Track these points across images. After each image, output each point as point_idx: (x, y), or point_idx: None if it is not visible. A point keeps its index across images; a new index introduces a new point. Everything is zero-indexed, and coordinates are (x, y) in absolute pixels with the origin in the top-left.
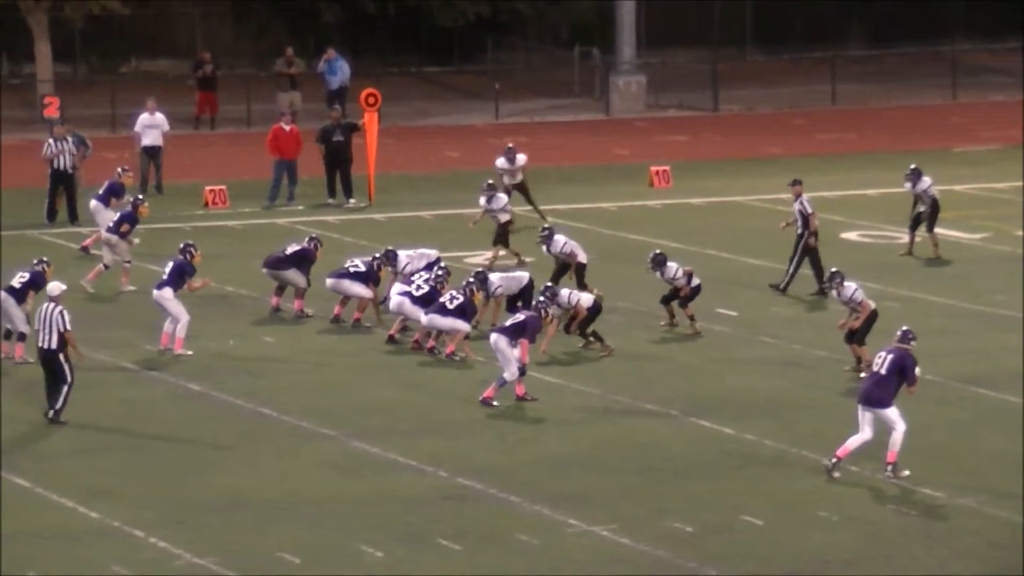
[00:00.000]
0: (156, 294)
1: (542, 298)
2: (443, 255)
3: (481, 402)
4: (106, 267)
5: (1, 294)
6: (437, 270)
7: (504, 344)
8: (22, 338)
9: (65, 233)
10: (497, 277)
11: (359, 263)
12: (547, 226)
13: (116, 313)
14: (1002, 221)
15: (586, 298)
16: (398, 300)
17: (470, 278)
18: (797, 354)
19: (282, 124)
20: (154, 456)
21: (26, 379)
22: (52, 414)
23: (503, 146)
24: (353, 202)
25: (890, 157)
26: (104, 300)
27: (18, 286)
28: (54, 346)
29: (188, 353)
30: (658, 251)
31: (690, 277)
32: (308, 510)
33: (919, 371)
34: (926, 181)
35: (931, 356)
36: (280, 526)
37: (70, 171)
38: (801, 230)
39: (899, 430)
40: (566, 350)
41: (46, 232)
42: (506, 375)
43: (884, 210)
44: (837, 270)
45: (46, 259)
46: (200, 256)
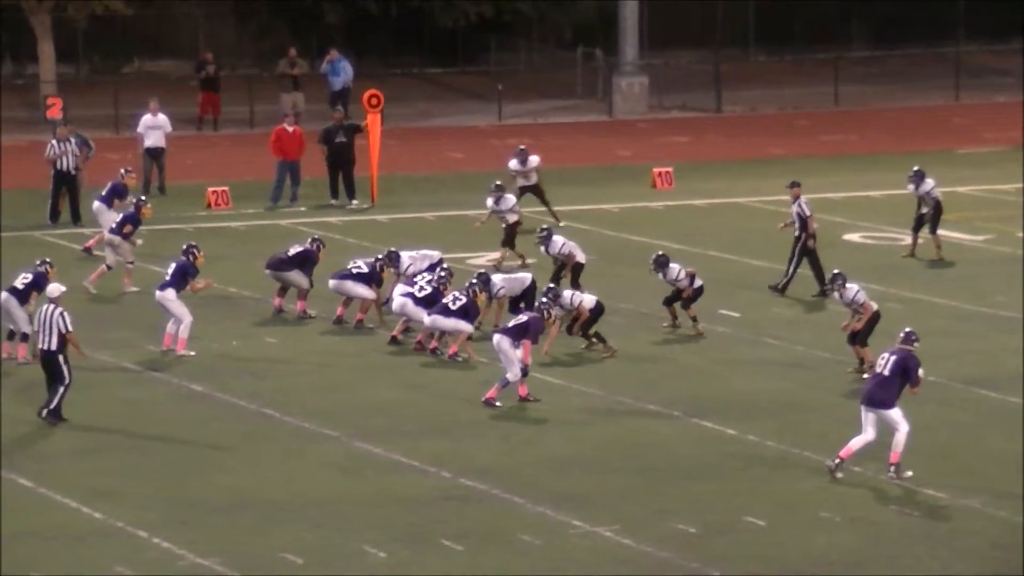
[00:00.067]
0: (159, 295)
1: (545, 299)
2: (446, 256)
3: (484, 403)
4: (109, 268)
5: (4, 295)
6: (440, 271)
7: (507, 345)
8: (25, 339)
9: (68, 234)
10: (500, 278)
11: (362, 264)
12: (545, 227)
13: (119, 314)
14: (1005, 223)
15: (588, 299)
16: (401, 301)
17: (473, 279)
18: (800, 355)
19: (285, 125)
20: (157, 457)
21: (28, 380)
22: (45, 413)
23: (506, 147)
24: (356, 203)
25: (893, 158)
26: (107, 301)
27: (21, 287)
28: (54, 347)
29: (191, 354)
30: (660, 252)
31: (692, 278)
32: (311, 511)
33: (922, 372)
34: (929, 183)
35: (934, 357)
36: (283, 527)
37: (73, 172)
38: (799, 232)
39: (902, 431)
40: (568, 351)
41: (49, 233)
42: (509, 376)
43: (887, 212)
44: (839, 272)
45: (49, 260)
46: (203, 257)
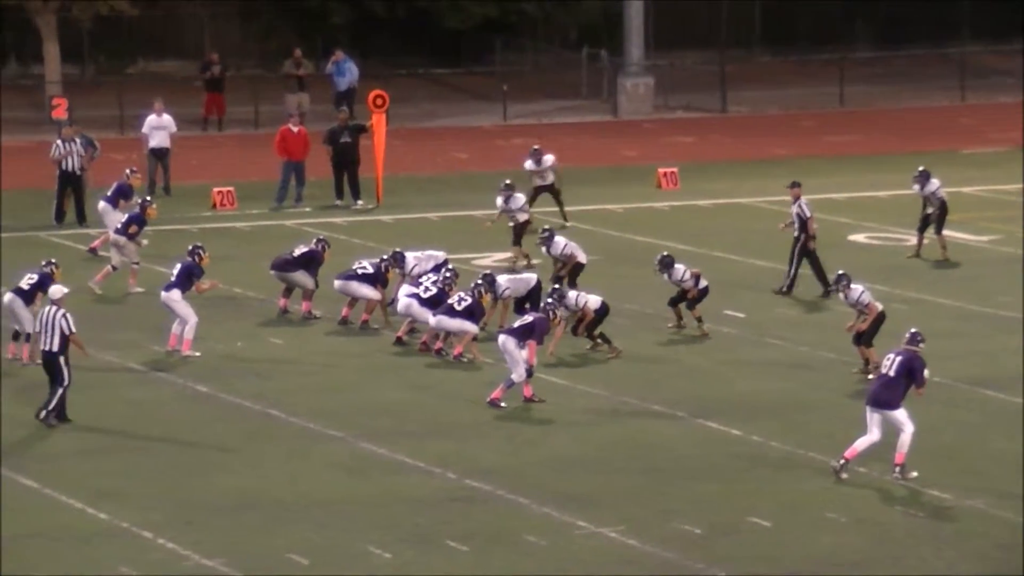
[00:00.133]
0: (164, 296)
1: (550, 300)
2: (451, 257)
3: (489, 403)
4: (114, 268)
5: (9, 296)
6: (445, 272)
7: (512, 345)
8: (30, 339)
9: (73, 235)
10: (505, 279)
11: (367, 265)
12: (547, 227)
13: (124, 314)
14: (1010, 223)
15: (594, 300)
16: (406, 302)
17: (478, 280)
18: (805, 356)
19: (290, 125)
20: (162, 457)
21: (31, 380)
22: (44, 415)
23: (511, 147)
24: (361, 204)
25: (898, 159)
26: (112, 301)
27: (27, 288)
28: (55, 348)
29: (196, 354)
30: (665, 253)
31: (698, 279)
32: (316, 511)
33: (927, 373)
34: (934, 183)
35: (939, 358)
36: (288, 527)
37: (78, 172)
38: (798, 233)
39: (907, 432)
40: (574, 352)
41: (54, 233)
42: (514, 376)
43: (892, 212)
44: (844, 272)
45: (54, 261)
46: (208, 258)
